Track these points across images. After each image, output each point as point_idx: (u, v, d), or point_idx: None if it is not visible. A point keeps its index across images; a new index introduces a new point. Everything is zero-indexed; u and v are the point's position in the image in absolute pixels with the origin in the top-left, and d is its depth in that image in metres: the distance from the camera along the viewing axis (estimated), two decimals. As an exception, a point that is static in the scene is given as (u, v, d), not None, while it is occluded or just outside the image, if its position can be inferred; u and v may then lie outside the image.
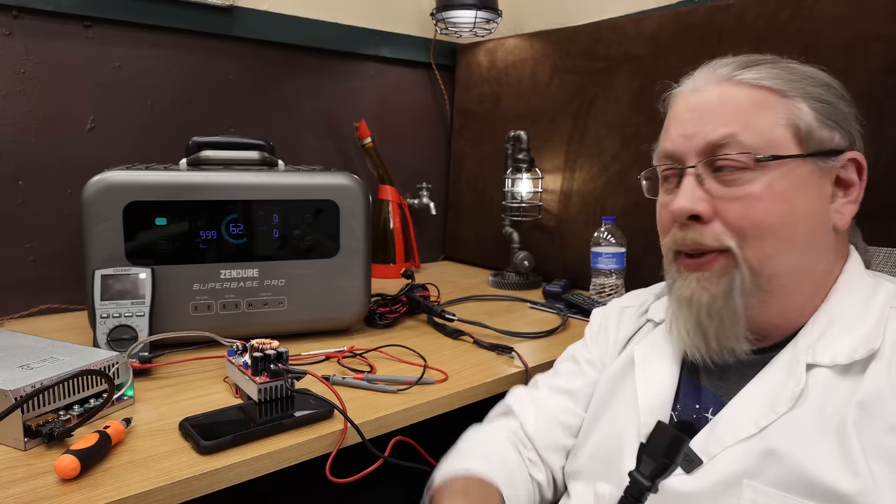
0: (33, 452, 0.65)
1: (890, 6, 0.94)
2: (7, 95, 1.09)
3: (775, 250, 0.58)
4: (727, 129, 0.59)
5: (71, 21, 1.14)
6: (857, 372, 0.55)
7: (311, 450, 0.71)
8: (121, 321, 0.87)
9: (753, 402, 0.58)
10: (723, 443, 0.57)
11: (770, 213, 0.58)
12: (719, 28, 1.14)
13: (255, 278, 0.98)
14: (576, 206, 1.42)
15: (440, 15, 1.50)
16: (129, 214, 0.90)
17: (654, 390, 0.66)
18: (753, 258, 0.58)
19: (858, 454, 0.50)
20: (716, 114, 0.60)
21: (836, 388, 0.55)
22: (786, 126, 0.58)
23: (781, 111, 0.59)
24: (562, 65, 1.44)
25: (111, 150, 1.20)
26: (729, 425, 0.58)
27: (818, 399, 0.55)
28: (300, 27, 1.41)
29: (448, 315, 1.09)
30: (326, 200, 1.00)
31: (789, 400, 0.56)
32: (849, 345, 0.56)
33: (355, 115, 1.54)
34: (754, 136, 0.58)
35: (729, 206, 0.59)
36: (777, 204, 0.58)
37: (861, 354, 0.55)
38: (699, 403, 0.64)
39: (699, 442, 0.59)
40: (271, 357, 0.76)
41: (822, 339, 0.58)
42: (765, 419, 0.56)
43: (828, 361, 0.56)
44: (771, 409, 0.56)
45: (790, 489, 0.53)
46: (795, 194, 0.58)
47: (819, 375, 0.56)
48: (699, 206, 0.59)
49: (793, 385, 0.56)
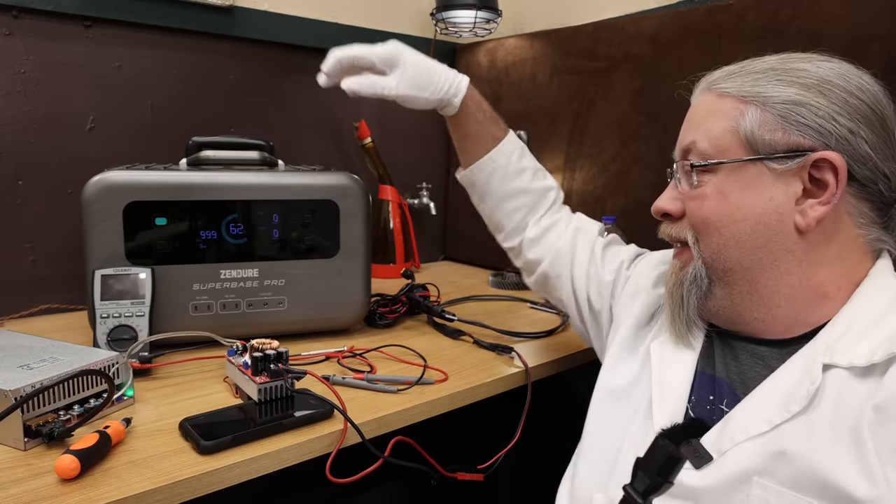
0: (33, 452, 0.65)
1: (890, 6, 0.94)
2: (7, 95, 1.09)
3: (721, 246, 0.63)
4: (691, 136, 0.65)
5: (71, 21, 1.14)
6: (875, 375, 0.54)
7: (311, 450, 0.71)
8: (121, 321, 0.87)
9: (767, 400, 0.58)
10: (734, 439, 0.58)
11: (713, 211, 0.63)
12: (719, 28, 1.14)
13: (255, 278, 0.98)
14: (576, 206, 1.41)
15: (440, 15, 1.50)
16: (129, 214, 0.90)
17: (669, 384, 0.67)
18: (706, 252, 0.64)
19: (874, 459, 0.50)
20: (689, 122, 0.67)
21: (853, 390, 0.54)
22: (732, 132, 0.62)
23: (732, 118, 0.62)
24: (562, 65, 1.44)
25: (111, 150, 1.20)
26: (741, 422, 0.59)
27: (833, 400, 0.55)
28: (300, 27, 1.41)
29: (448, 315, 1.09)
30: (326, 200, 1.00)
31: (804, 399, 0.56)
32: (868, 347, 0.55)
33: (355, 115, 1.54)
34: (708, 142, 0.64)
35: (689, 205, 0.66)
36: (719, 203, 0.63)
37: (880, 357, 0.54)
38: (713, 395, 0.64)
39: (711, 438, 0.60)
40: (271, 357, 0.76)
41: (842, 341, 0.57)
42: (778, 417, 0.56)
43: (845, 363, 0.56)
44: (784, 407, 0.56)
45: (802, 490, 0.53)
46: (740, 194, 0.62)
47: (836, 377, 0.56)
48: (669, 205, 0.68)
49: (808, 384, 0.56)
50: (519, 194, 0.91)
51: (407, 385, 0.85)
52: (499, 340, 1.04)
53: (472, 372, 0.92)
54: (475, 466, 0.83)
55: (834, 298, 0.61)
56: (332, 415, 0.75)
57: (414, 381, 0.85)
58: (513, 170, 0.90)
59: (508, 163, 0.90)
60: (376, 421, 0.76)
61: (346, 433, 0.72)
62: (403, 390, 0.84)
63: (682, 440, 0.60)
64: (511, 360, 0.97)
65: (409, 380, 0.86)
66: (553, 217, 0.92)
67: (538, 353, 1.00)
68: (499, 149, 0.90)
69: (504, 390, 0.92)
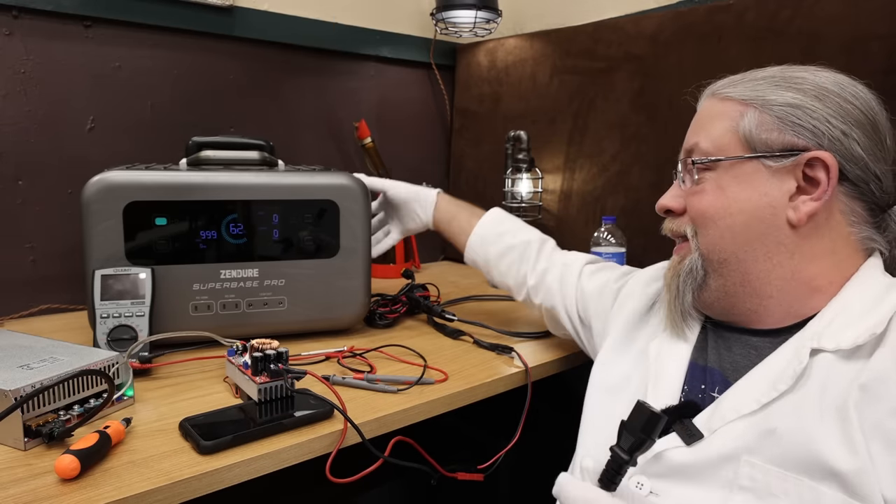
0: (33, 452, 0.65)
1: (890, 6, 0.94)
2: (7, 95, 1.09)
3: (717, 237, 0.66)
4: (695, 138, 0.69)
5: (71, 21, 1.14)
6: (860, 357, 0.57)
7: (311, 450, 0.71)
8: (121, 321, 0.87)
9: (757, 383, 0.61)
10: (724, 419, 0.60)
11: (711, 204, 0.67)
12: (719, 28, 1.14)
13: (255, 278, 0.98)
14: (576, 206, 1.42)
15: (440, 15, 1.50)
16: (129, 214, 0.90)
17: (663, 375, 0.69)
18: (703, 244, 0.68)
19: (858, 435, 0.52)
20: (693, 126, 0.71)
21: (839, 371, 0.57)
22: (732, 132, 0.66)
23: (732, 119, 0.66)
24: (562, 65, 1.44)
25: (111, 150, 1.20)
26: (731, 402, 0.61)
27: (820, 381, 0.57)
28: (300, 27, 1.41)
29: (448, 315, 1.09)
30: (326, 200, 1.00)
31: (791, 378, 0.58)
32: (853, 333, 0.58)
33: (355, 115, 1.54)
34: (709, 142, 0.68)
35: (689, 201, 0.69)
36: (717, 197, 0.66)
37: (864, 339, 0.57)
38: (705, 384, 0.67)
39: (703, 419, 0.62)
40: (271, 357, 0.76)
41: (830, 328, 0.60)
42: (766, 397, 0.59)
43: (832, 347, 0.58)
44: (773, 387, 0.59)
45: (788, 467, 0.55)
46: (737, 189, 0.65)
47: (823, 360, 0.58)
48: (672, 202, 0.71)
49: (795, 365, 0.59)
50: (507, 252, 1.01)
51: (407, 385, 0.85)
52: (499, 340, 1.04)
53: (472, 372, 0.92)
54: (475, 466, 0.83)
55: (825, 292, 0.63)
56: (332, 415, 0.75)
57: (414, 381, 0.85)
58: (493, 236, 1.03)
59: (487, 233, 1.03)
60: (376, 421, 0.76)
61: (346, 433, 0.72)
62: (403, 390, 0.84)
63: (675, 420, 0.62)
64: (511, 360, 0.97)
65: (409, 380, 0.86)
66: (548, 262, 0.99)
67: (538, 353, 1.00)
68: (476, 230, 1.04)
69: (504, 390, 0.92)
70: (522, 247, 1.00)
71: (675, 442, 0.62)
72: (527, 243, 1.01)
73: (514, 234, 1.02)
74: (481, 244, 1.03)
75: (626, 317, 0.81)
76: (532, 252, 1.00)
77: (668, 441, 0.62)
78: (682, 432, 0.62)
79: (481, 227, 1.04)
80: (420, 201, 1.08)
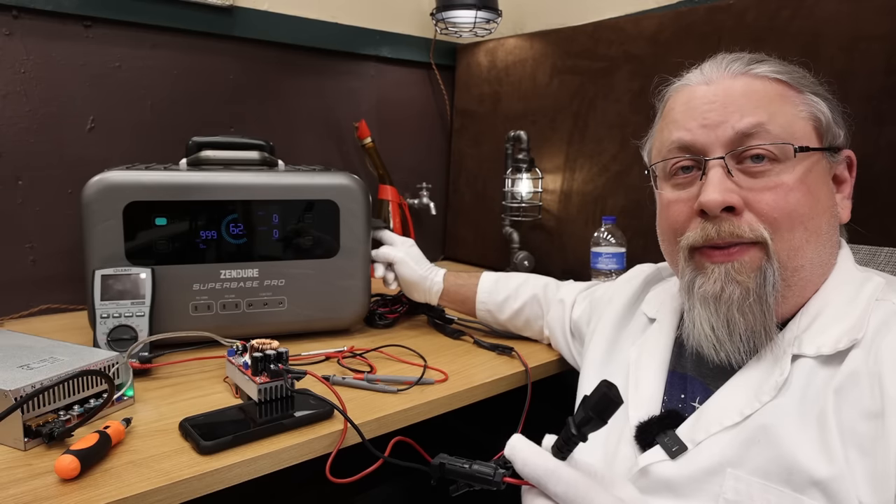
0: (33, 452, 0.65)
1: (890, 6, 0.94)
2: (7, 95, 1.09)
3: (802, 241, 0.58)
4: (755, 118, 0.58)
5: (71, 21, 1.14)
6: (838, 361, 0.55)
7: (311, 450, 0.71)
8: (121, 321, 0.87)
9: (739, 392, 0.59)
10: (707, 430, 0.58)
11: (801, 203, 0.58)
12: (719, 28, 1.14)
13: (255, 278, 0.98)
14: (576, 206, 1.42)
15: (440, 15, 1.50)
16: (129, 214, 0.90)
17: (643, 385, 0.67)
18: (783, 250, 0.58)
19: (836, 441, 0.51)
20: (741, 103, 0.59)
21: (819, 377, 0.56)
22: (807, 119, 0.60)
23: (801, 104, 0.60)
24: (562, 65, 1.44)
25: (111, 150, 1.20)
26: (714, 413, 0.59)
27: (801, 388, 0.56)
28: (300, 27, 1.41)
29: (448, 315, 1.09)
30: (326, 200, 1.00)
31: (773, 389, 0.57)
32: (834, 336, 0.56)
33: (355, 115, 1.54)
34: (779, 127, 0.58)
35: (761, 197, 0.58)
36: (807, 195, 0.58)
37: (844, 345, 0.55)
38: (685, 393, 0.65)
39: (686, 429, 0.60)
40: (271, 357, 0.76)
41: (809, 331, 0.58)
42: (749, 408, 0.57)
43: (812, 352, 0.57)
44: (755, 398, 0.57)
45: (770, 478, 0.54)
46: (819, 186, 0.59)
47: (804, 366, 0.57)
48: (732, 197, 0.58)
49: (777, 375, 0.57)
50: (516, 316, 1.03)
51: (407, 385, 0.85)
52: (499, 340, 1.04)
53: (472, 372, 0.92)
54: (475, 466, 0.82)
55: (809, 290, 0.61)
56: (332, 415, 0.75)
57: (414, 382, 0.85)
58: (495, 306, 1.04)
59: (491, 305, 1.05)
60: (376, 421, 0.76)
61: (346, 433, 0.72)
62: (403, 390, 0.84)
63: (658, 432, 0.61)
64: (511, 360, 0.97)
65: (409, 380, 0.86)
66: (549, 305, 1.00)
67: (538, 353, 1.00)
68: (478, 306, 1.06)
69: (504, 390, 0.92)
70: (528, 306, 1.02)
71: (659, 456, 0.60)
72: (531, 299, 1.02)
73: (514, 297, 1.03)
74: (491, 315, 1.05)
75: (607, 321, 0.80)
76: (537, 307, 1.01)
77: (652, 455, 0.60)
78: (667, 445, 0.59)
79: (482, 303, 1.05)
80: (425, 291, 1.07)
